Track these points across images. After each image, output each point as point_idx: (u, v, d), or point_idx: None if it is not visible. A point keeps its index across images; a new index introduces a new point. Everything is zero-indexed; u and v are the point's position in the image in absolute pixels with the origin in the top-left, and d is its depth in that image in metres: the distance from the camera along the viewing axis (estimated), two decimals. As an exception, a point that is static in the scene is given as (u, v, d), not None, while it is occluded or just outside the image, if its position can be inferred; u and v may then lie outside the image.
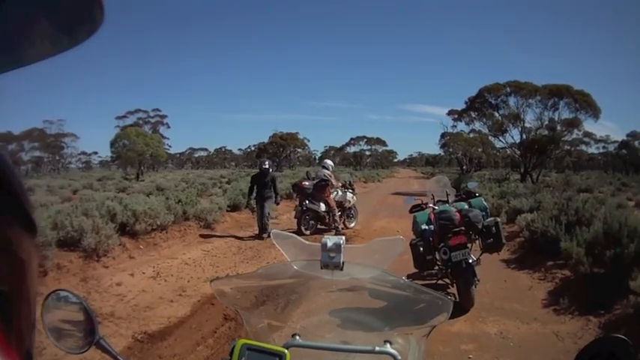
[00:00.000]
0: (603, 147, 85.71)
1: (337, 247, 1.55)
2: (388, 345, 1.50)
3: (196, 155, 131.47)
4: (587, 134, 53.70)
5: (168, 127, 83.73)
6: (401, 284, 1.68)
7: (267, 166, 15.00)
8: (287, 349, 1.39)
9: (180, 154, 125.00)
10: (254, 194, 14.90)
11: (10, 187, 0.56)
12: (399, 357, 1.48)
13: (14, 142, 77.69)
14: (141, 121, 79.08)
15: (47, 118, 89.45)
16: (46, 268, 8.85)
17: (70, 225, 10.26)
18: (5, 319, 0.52)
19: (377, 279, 1.70)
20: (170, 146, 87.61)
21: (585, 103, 39.87)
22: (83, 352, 1.52)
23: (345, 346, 1.59)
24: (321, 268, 1.59)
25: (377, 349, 1.49)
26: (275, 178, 15.26)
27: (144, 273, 10.08)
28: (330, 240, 1.56)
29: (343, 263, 1.57)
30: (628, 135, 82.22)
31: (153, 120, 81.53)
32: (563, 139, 43.86)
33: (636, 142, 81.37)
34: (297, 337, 1.54)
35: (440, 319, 1.57)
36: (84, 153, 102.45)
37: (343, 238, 1.56)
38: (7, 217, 0.55)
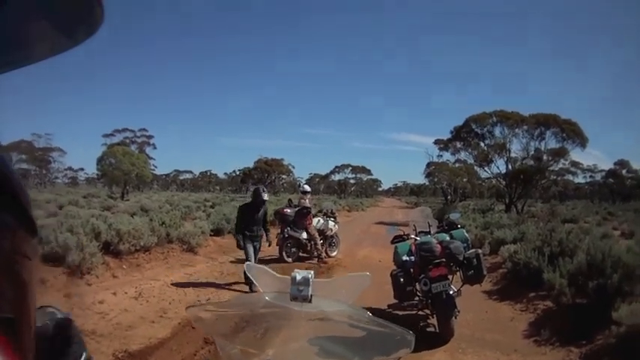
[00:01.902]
0: (590, 176, 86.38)
1: (306, 281, 1.59)
2: None
3: (181, 177, 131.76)
4: (574, 163, 53.77)
5: (155, 147, 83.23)
6: (366, 318, 1.71)
7: (264, 197, 12.01)
8: None
9: (165, 175, 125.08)
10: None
11: (10, 187, 0.57)
12: None
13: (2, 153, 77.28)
14: (128, 140, 78.63)
15: (35, 131, 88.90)
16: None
17: (54, 240, 10.28)
18: (14, 342, 0.53)
19: (343, 312, 1.74)
20: (156, 167, 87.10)
21: (572, 133, 40.07)
22: None
23: None
24: (291, 300, 1.62)
25: None
26: (266, 212, 12.40)
27: (126, 293, 10.08)
28: (299, 274, 1.59)
29: (311, 296, 1.61)
30: (615, 163, 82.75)
31: (139, 140, 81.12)
32: (549, 168, 44.11)
33: (623, 171, 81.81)
34: None
35: (403, 352, 1.60)
36: (70, 168, 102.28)
37: (312, 272, 1.59)
38: (7, 230, 0.55)
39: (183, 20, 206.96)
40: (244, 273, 13.13)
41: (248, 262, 2.00)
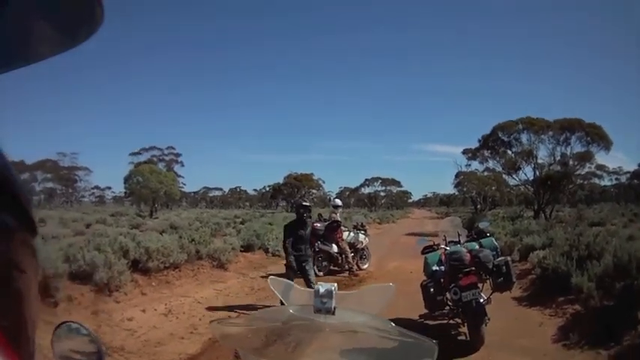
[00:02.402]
0: (616, 179, 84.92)
1: (329, 293, 1.61)
2: None
3: (210, 195, 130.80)
4: (600, 167, 53.27)
5: (183, 165, 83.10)
6: (389, 328, 1.72)
7: (306, 212, 11.00)
8: None
9: (194, 192, 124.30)
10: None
11: (10, 188, 0.59)
12: None
13: (27, 172, 77.78)
14: (155, 159, 78.60)
15: (60, 150, 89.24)
16: (57, 300, 8.90)
17: (82, 259, 10.32)
18: (6, 354, 0.53)
19: (366, 323, 1.75)
20: (184, 184, 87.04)
21: (597, 136, 39.66)
22: None
23: None
24: (315, 312, 1.65)
25: None
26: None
27: (155, 309, 10.11)
28: (322, 287, 1.61)
29: (335, 308, 1.63)
30: (639, 164, 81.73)
31: (167, 158, 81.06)
32: (575, 173, 43.58)
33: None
34: None
35: None
36: (97, 187, 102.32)
37: (335, 285, 1.61)
38: (7, 230, 0.57)
39: (208, 36, 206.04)
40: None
41: (271, 277, 2.00)
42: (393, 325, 1.74)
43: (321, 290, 1.62)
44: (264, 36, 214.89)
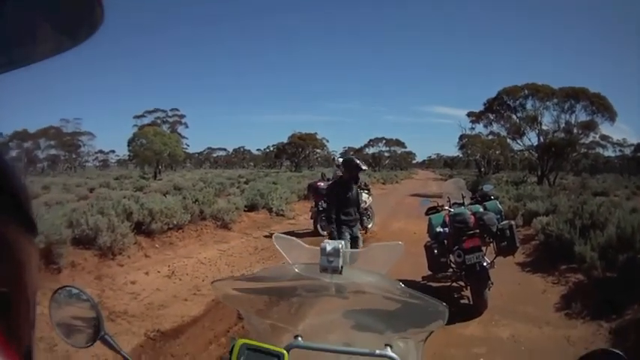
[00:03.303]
0: (620, 150, 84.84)
1: (336, 252, 1.59)
2: (389, 348, 1.52)
3: (215, 155, 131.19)
4: (604, 137, 53.26)
5: (187, 126, 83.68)
6: (398, 289, 1.70)
7: (362, 168, 9.60)
8: (289, 350, 1.42)
9: (198, 153, 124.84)
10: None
11: (10, 187, 0.57)
12: None
13: (30, 141, 78.02)
14: (159, 121, 79.06)
15: (64, 116, 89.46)
16: (60, 266, 8.90)
17: (85, 223, 10.31)
18: (5, 319, 0.53)
19: (375, 284, 1.73)
20: (188, 146, 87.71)
21: (602, 107, 39.86)
22: (87, 346, 1.57)
23: (347, 348, 1.61)
24: (321, 272, 1.63)
25: (377, 352, 1.51)
26: (359, 191, 10.36)
27: (159, 272, 10.13)
28: (329, 244, 1.59)
29: (342, 267, 1.61)
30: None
31: (171, 119, 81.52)
32: (579, 142, 43.87)
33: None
34: (299, 339, 1.57)
35: (436, 325, 1.59)
36: (101, 151, 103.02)
37: (342, 242, 1.59)
38: (7, 217, 0.55)
39: (213, 2, 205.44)
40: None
41: (276, 233, 1.98)
42: (403, 285, 1.71)
43: (328, 248, 1.60)
44: (269, 2, 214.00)
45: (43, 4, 0.59)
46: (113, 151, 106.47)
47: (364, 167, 9.79)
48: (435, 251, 8.32)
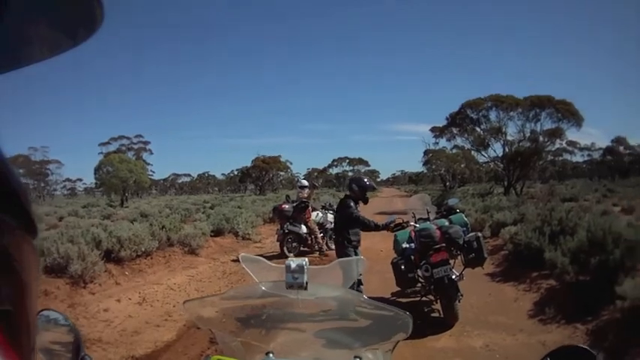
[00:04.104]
0: (588, 155, 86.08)
1: (300, 269, 1.62)
2: None
3: (179, 181, 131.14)
4: (571, 143, 54.18)
5: (151, 153, 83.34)
6: (362, 302, 1.74)
7: (373, 187, 9.70)
8: None
9: (163, 180, 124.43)
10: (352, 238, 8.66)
11: (9, 187, 0.57)
12: None
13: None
14: (124, 148, 78.74)
15: (31, 144, 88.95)
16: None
17: (56, 252, 10.27)
18: (11, 337, 0.53)
19: (340, 297, 1.76)
20: (154, 172, 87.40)
21: (568, 113, 40.11)
22: None
23: None
24: (287, 288, 1.64)
25: None
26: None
27: (130, 299, 10.07)
28: (293, 262, 1.63)
29: (307, 283, 1.63)
30: (612, 141, 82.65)
31: (136, 146, 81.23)
32: (546, 149, 44.24)
33: (621, 147, 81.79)
34: (271, 355, 1.59)
35: (402, 335, 1.62)
36: (69, 180, 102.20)
37: (306, 259, 1.62)
38: (7, 217, 0.56)
39: (173, 22, 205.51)
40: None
41: (242, 254, 2.00)
42: (366, 297, 1.74)
43: (293, 265, 1.64)
44: (229, 22, 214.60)
45: (43, 4, 0.60)
46: (80, 179, 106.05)
47: (375, 186, 9.86)
48: (402, 267, 8.35)
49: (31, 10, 0.58)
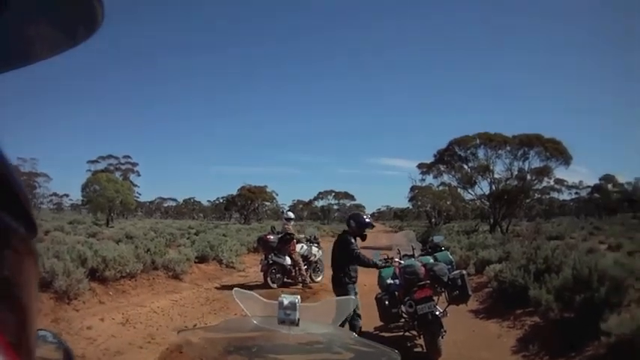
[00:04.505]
0: (575, 193, 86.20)
1: (293, 305, 1.66)
2: None
3: (165, 205, 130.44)
4: (559, 181, 53.91)
5: (139, 175, 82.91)
6: (352, 339, 1.78)
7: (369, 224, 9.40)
8: None
9: (149, 202, 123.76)
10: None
11: (9, 187, 0.58)
12: None
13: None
14: (112, 167, 78.26)
15: (20, 155, 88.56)
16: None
17: (42, 266, 10.15)
18: (10, 337, 0.53)
19: (330, 335, 1.79)
20: (140, 194, 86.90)
21: (556, 151, 40.14)
22: None
23: None
24: (279, 324, 1.68)
25: None
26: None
27: (113, 319, 10.06)
28: (286, 299, 1.67)
29: (299, 320, 1.67)
30: (601, 179, 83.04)
31: (124, 167, 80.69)
32: (533, 187, 44.26)
33: (609, 185, 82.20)
34: None
35: None
36: (55, 194, 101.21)
37: (298, 297, 1.66)
38: (7, 217, 0.56)
39: (164, 44, 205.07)
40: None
41: (236, 288, 2.03)
42: (356, 335, 1.78)
43: (285, 302, 1.67)
44: (219, 47, 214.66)
45: (42, 4, 0.62)
46: (67, 195, 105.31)
47: (373, 224, 9.81)
48: (386, 302, 8.39)
49: (31, 10, 0.60)
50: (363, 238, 9.21)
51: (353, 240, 8.81)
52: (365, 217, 9.39)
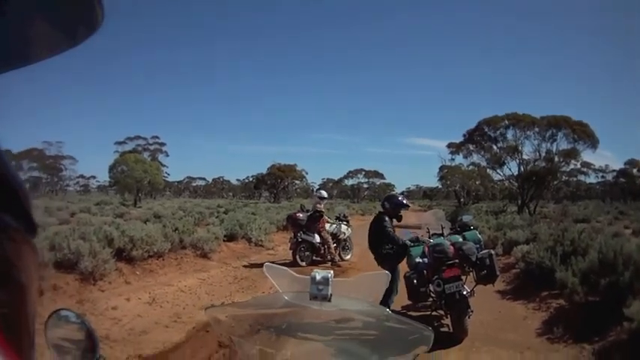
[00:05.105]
0: (602, 176, 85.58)
1: (325, 280, 1.63)
2: None
3: (194, 184, 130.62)
4: (586, 164, 53.29)
5: (167, 155, 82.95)
6: (385, 315, 1.74)
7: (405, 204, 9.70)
8: None
9: (178, 182, 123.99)
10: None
11: (9, 187, 0.59)
12: None
13: (13, 161, 77.41)
14: (140, 148, 78.40)
15: (47, 139, 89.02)
16: (42, 288, 8.81)
17: (67, 247, 10.32)
18: (10, 338, 0.53)
19: (362, 310, 1.77)
20: (168, 174, 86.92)
21: (583, 134, 39.95)
22: None
23: None
24: (310, 300, 1.66)
25: None
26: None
27: (140, 298, 10.08)
28: (318, 274, 1.63)
29: (331, 295, 1.64)
30: (626, 163, 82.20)
31: (152, 147, 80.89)
32: (560, 170, 43.97)
33: (634, 170, 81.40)
34: None
35: (422, 349, 1.62)
36: (82, 176, 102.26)
37: (331, 272, 1.62)
38: (6, 217, 0.57)
39: (193, 27, 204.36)
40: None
41: (267, 263, 2.01)
42: (390, 311, 1.75)
43: (318, 277, 1.64)
44: (249, 29, 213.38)
45: (43, 4, 0.61)
46: (94, 177, 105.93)
47: (409, 204, 10.03)
48: (415, 281, 8.30)
49: (31, 10, 0.60)
50: (399, 218, 9.52)
51: (387, 220, 9.13)
52: (400, 197, 9.69)
